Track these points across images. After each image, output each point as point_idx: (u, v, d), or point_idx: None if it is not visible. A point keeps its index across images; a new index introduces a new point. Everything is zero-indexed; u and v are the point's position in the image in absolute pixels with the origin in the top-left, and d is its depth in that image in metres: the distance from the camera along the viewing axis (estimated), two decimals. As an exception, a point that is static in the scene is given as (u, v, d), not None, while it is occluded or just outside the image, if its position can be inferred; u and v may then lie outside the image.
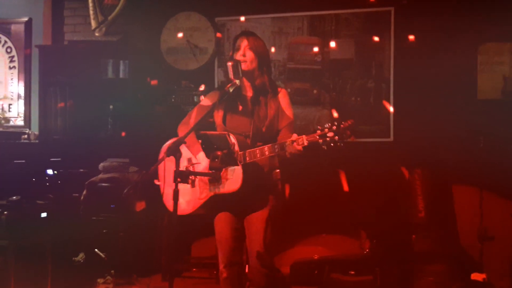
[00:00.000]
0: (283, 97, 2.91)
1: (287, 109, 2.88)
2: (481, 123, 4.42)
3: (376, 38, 4.77)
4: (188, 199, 2.87)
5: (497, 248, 4.24)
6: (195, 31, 5.25)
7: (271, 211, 2.82)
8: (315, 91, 4.94)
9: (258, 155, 2.68)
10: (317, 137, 2.55)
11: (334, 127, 2.54)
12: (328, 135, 2.51)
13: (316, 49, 4.91)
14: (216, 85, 5.17)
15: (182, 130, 2.96)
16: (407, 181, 4.41)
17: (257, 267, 2.79)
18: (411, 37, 4.62)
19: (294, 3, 4.92)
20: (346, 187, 4.26)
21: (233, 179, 2.68)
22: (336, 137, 2.52)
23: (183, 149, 2.66)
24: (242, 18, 4.95)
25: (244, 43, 2.89)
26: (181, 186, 2.84)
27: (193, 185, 2.85)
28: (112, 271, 4.27)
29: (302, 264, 4.40)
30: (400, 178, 4.44)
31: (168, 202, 2.92)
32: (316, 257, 4.43)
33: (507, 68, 4.60)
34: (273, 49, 4.90)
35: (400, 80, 4.78)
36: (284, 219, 2.95)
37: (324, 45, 4.94)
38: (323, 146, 2.55)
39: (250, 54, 2.87)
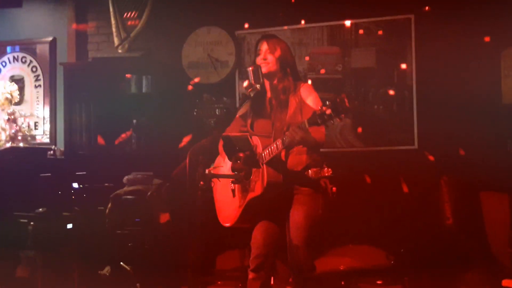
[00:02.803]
0: (304, 90, 2.86)
1: (311, 101, 2.81)
2: (507, 127, 4.35)
3: (396, 46, 4.76)
4: (231, 209, 2.89)
5: (529, 254, 4.14)
6: (215, 45, 5.30)
7: (311, 208, 2.78)
8: (338, 100, 4.91)
9: (274, 152, 2.66)
10: (317, 116, 2.46)
11: (330, 104, 2.45)
12: (326, 112, 2.43)
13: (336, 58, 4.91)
14: (237, 98, 5.20)
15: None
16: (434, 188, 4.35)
17: (295, 263, 2.77)
18: (433, 43, 4.61)
19: (313, 14, 4.94)
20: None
21: (259, 180, 2.67)
22: (330, 111, 2.42)
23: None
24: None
25: (264, 46, 2.91)
26: (223, 196, 2.88)
27: (234, 195, 2.86)
28: (138, 284, 4.27)
29: (328, 275, 4.33)
30: (426, 185, 4.38)
31: (221, 215, 2.99)
32: (342, 268, 4.36)
33: (531, 71, 4.54)
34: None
35: (423, 87, 4.74)
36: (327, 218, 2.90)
37: (344, 55, 4.94)
38: (325, 124, 2.47)
39: (271, 57, 2.87)
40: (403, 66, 4.77)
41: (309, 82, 4.10)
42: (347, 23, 4.89)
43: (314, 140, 2.71)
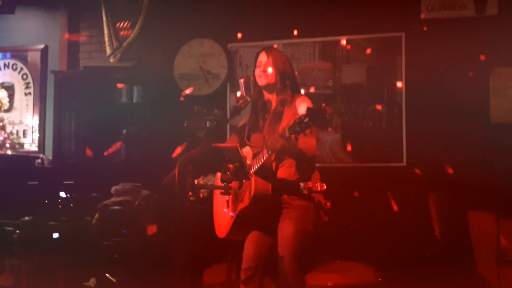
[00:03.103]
0: (300, 102, 2.84)
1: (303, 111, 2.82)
2: (495, 146, 4.39)
3: (387, 63, 4.81)
4: (224, 220, 2.89)
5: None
6: (208, 57, 5.32)
7: (301, 223, 2.75)
8: (327, 116, 4.94)
9: (260, 161, 2.64)
10: (296, 124, 2.42)
11: (308, 111, 2.40)
12: (304, 120, 2.38)
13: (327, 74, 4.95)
14: (228, 111, 5.21)
15: None
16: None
17: (283, 278, 2.75)
18: (422, 62, 4.66)
19: (305, 29, 4.98)
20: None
21: (248, 191, 2.67)
22: (308, 118, 2.37)
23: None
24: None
25: (264, 58, 2.90)
26: (219, 208, 2.87)
27: (227, 206, 2.86)
28: (123, 295, 4.23)
29: (315, 291, 4.32)
30: (414, 203, 4.40)
31: (216, 227, 2.98)
32: (330, 284, 4.35)
33: (519, 92, 4.59)
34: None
35: (412, 104, 4.78)
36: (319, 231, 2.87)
37: (335, 70, 4.98)
38: (303, 131, 2.41)
39: (270, 70, 2.87)
40: (394, 83, 4.82)
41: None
42: (339, 39, 4.93)
43: (299, 151, 2.68)
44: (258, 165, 2.65)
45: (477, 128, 4.50)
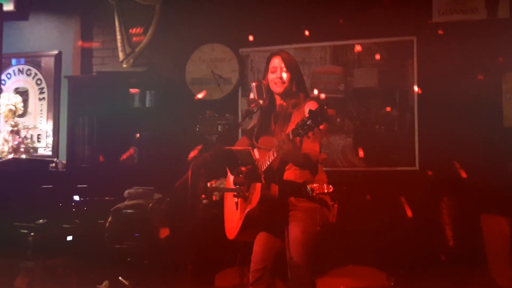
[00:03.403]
0: (308, 106, 2.81)
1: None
2: (508, 150, 4.36)
3: (399, 67, 4.80)
4: (234, 222, 2.91)
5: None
6: (219, 62, 5.35)
7: (308, 225, 2.76)
8: (338, 120, 4.95)
9: (267, 163, 2.66)
10: (299, 127, 2.45)
11: (310, 114, 2.45)
12: (307, 123, 2.42)
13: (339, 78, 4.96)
14: (240, 115, 5.23)
15: None
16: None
17: (295, 280, 2.76)
18: (434, 65, 4.65)
19: (317, 34, 4.99)
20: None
21: (256, 192, 2.68)
22: (310, 121, 2.41)
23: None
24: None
25: (278, 63, 2.90)
26: (229, 210, 2.89)
27: (237, 208, 2.87)
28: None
29: (328, 295, 4.31)
30: (427, 207, 4.38)
31: (226, 228, 3.00)
32: None
33: (532, 96, 4.57)
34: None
35: (424, 108, 4.77)
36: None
37: (347, 74, 4.98)
38: (306, 134, 2.45)
39: (286, 76, 2.88)
40: (406, 87, 4.81)
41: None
42: (351, 43, 4.93)
43: (303, 155, 2.69)
44: (265, 166, 2.67)
45: (490, 132, 4.49)
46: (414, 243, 4.42)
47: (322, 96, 4.95)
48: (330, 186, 2.75)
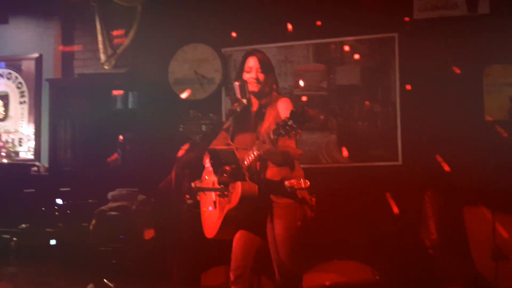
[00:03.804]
0: (281, 104, 2.88)
1: (284, 114, 2.78)
2: (489, 143, 4.41)
3: (381, 64, 4.83)
4: (212, 221, 2.90)
5: (512, 267, 4.16)
6: (202, 62, 5.33)
7: (289, 221, 2.78)
8: (322, 117, 4.96)
9: (248, 161, 2.69)
10: (280, 127, 2.48)
11: (291, 114, 2.46)
12: (288, 123, 2.45)
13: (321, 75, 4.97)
14: (223, 114, 5.22)
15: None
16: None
17: (282, 276, 2.78)
18: (416, 61, 4.68)
19: (299, 32, 5.00)
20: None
21: (235, 191, 2.69)
22: (292, 121, 2.43)
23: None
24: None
25: (253, 63, 2.93)
26: (206, 208, 2.89)
27: (215, 206, 2.86)
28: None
29: (313, 291, 4.31)
30: (410, 201, 4.41)
31: (204, 227, 2.99)
32: (327, 283, 4.35)
33: (513, 89, 4.62)
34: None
35: (406, 103, 4.80)
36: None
37: (329, 72, 5.00)
38: (288, 134, 2.47)
39: (261, 76, 2.91)
40: (388, 83, 4.84)
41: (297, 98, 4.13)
42: (333, 41, 4.95)
43: (281, 153, 2.72)
44: (244, 166, 2.69)
45: (472, 125, 4.53)
46: (398, 237, 4.45)
47: (306, 92, 4.97)
48: (307, 181, 2.77)
